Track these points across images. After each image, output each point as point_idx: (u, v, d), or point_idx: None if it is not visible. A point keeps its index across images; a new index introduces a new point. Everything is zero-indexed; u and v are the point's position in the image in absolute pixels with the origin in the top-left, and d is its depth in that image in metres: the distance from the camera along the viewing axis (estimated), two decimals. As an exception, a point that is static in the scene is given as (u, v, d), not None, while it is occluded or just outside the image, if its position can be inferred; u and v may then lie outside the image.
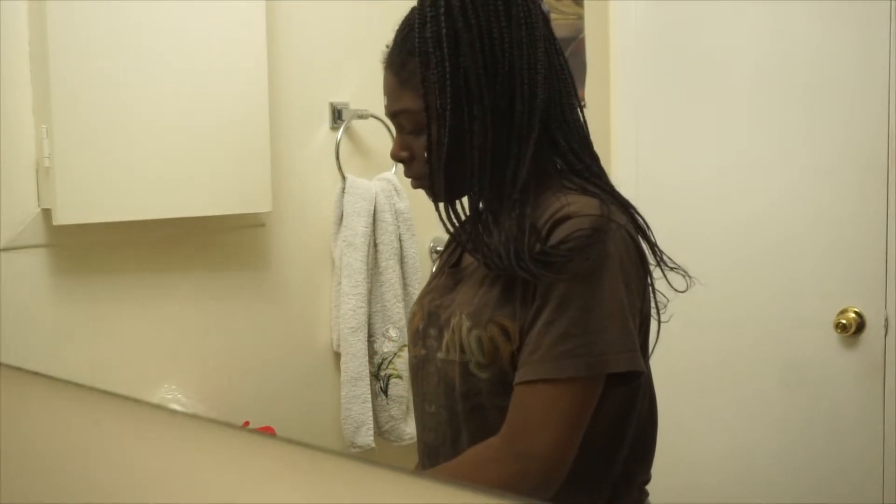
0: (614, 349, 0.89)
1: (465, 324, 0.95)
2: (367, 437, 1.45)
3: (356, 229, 1.45)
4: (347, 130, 1.49)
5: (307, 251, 1.52)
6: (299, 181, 1.48)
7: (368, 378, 1.45)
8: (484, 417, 0.95)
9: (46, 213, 1.29)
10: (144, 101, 1.32)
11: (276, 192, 1.41)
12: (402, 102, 0.99)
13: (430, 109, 0.94)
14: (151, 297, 1.37)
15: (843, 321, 1.27)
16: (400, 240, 1.49)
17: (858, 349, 1.27)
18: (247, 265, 1.47)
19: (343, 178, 1.48)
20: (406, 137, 1.00)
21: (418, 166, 0.99)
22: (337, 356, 1.48)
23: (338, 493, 0.91)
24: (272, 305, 1.49)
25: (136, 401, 1.17)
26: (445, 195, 0.96)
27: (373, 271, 1.47)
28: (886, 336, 1.23)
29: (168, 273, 1.39)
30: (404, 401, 1.48)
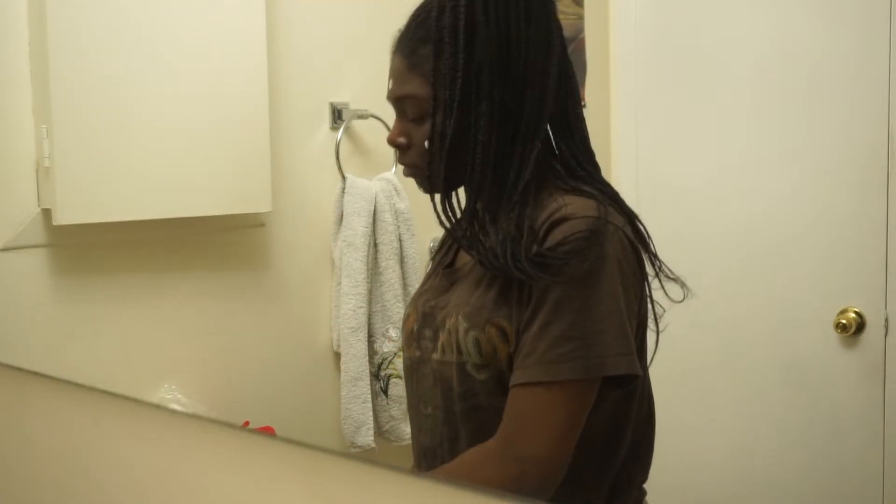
0: (611, 352, 0.89)
1: (462, 325, 0.95)
2: (368, 437, 1.45)
3: (356, 229, 1.46)
4: (347, 130, 1.49)
5: (307, 251, 1.52)
6: (299, 181, 1.48)
7: (368, 378, 1.45)
8: (482, 418, 0.95)
9: (46, 213, 1.29)
10: (144, 101, 1.32)
11: (276, 192, 1.41)
12: (409, 87, 0.97)
13: (438, 99, 0.93)
14: (151, 297, 1.37)
15: (843, 321, 1.27)
16: (400, 240, 1.49)
17: (858, 349, 1.27)
18: (247, 265, 1.47)
19: (343, 178, 1.48)
20: (407, 124, 0.99)
21: (414, 154, 0.99)
22: (337, 356, 1.48)
23: (338, 493, 0.91)
24: (272, 305, 1.49)
25: (136, 401, 1.17)
26: (441, 187, 0.95)
27: (373, 271, 1.47)
28: (886, 336, 1.23)
29: (168, 273, 1.39)
30: (404, 401, 1.48)
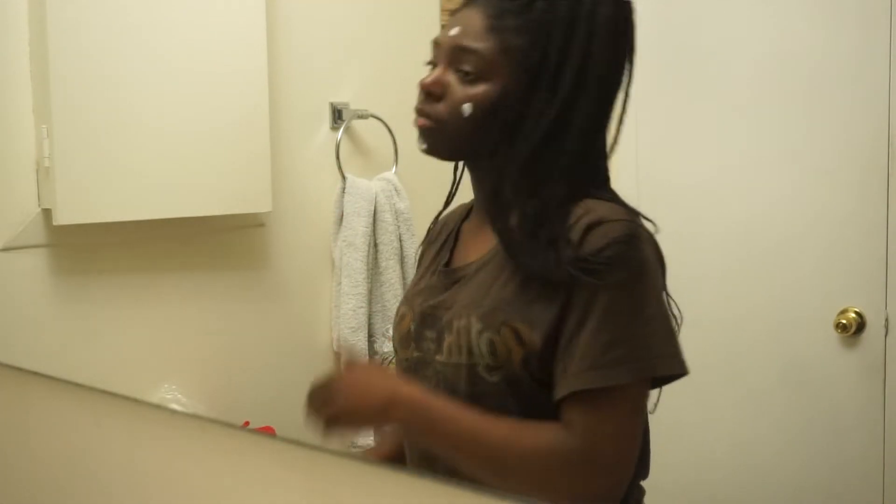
0: (664, 353, 0.89)
1: (476, 326, 0.93)
2: (368, 437, 1.45)
3: (356, 229, 1.45)
4: (347, 130, 1.49)
5: (307, 251, 1.51)
6: (299, 181, 1.48)
7: (368, 378, 1.45)
8: None
9: (46, 213, 1.29)
10: (144, 101, 1.32)
11: (276, 192, 1.41)
12: (478, 44, 0.93)
13: (511, 77, 0.91)
14: (151, 297, 1.37)
15: (843, 321, 1.27)
16: (400, 240, 1.49)
17: (858, 349, 1.27)
18: (247, 265, 1.47)
19: (343, 178, 1.48)
20: (449, 75, 0.95)
21: (443, 109, 0.94)
22: (337, 356, 1.48)
23: (338, 493, 0.91)
24: (272, 305, 1.49)
25: (136, 401, 1.17)
26: (448, 152, 0.94)
27: (373, 271, 1.47)
28: (886, 336, 1.23)
29: (168, 273, 1.39)
30: (404, 401, 1.48)
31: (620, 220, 0.89)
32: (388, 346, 1.48)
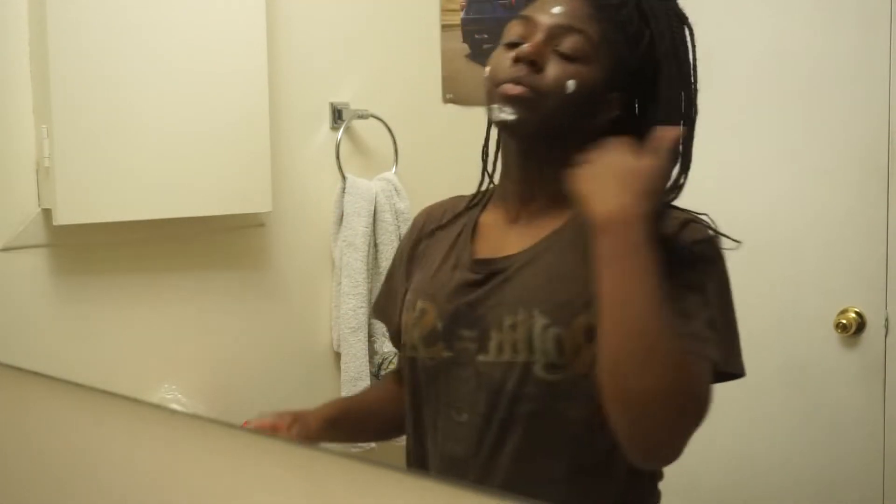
0: (739, 352, 0.93)
1: (541, 321, 0.89)
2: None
3: (356, 229, 1.46)
4: (347, 130, 1.49)
5: (307, 251, 1.51)
6: (299, 181, 1.48)
7: (369, 378, 1.45)
8: (537, 424, 0.90)
9: (46, 213, 1.29)
10: (144, 101, 1.32)
11: (276, 192, 1.41)
12: (585, 26, 0.93)
13: (608, 66, 0.93)
14: (152, 297, 1.37)
15: (843, 321, 1.27)
16: (400, 240, 1.49)
17: (858, 349, 1.27)
18: (247, 265, 1.47)
19: (343, 178, 1.48)
20: (548, 52, 0.92)
21: (543, 79, 0.92)
22: (337, 356, 1.48)
23: (338, 493, 0.91)
24: (272, 305, 1.49)
25: (136, 401, 1.17)
26: (537, 125, 0.92)
27: (373, 271, 1.47)
28: (886, 336, 1.23)
29: (168, 273, 1.39)
30: (404, 401, 1.48)
31: (701, 221, 0.94)
32: (389, 346, 1.48)
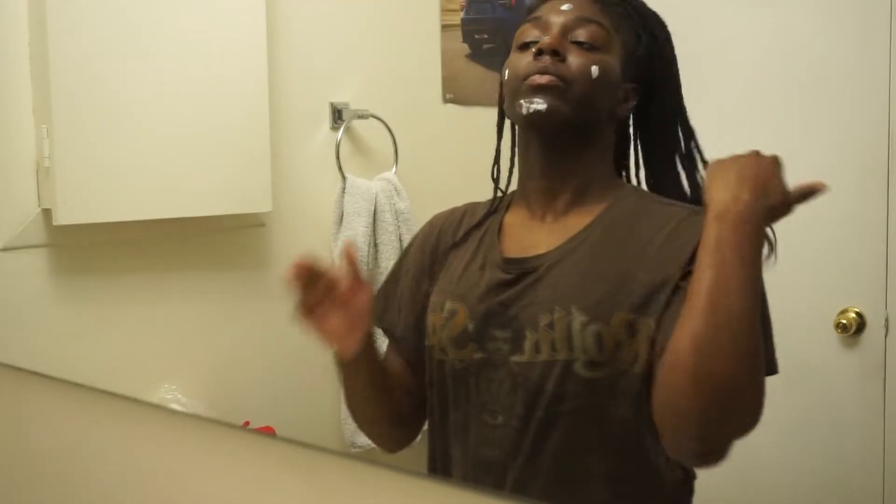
0: (774, 353, 0.97)
1: (579, 318, 0.89)
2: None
3: (356, 229, 1.45)
4: (347, 130, 1.49)
5: (307, 251, 1.51)
6: (299, 181, 1.48)
7: (368, 378, 1.45)
8: (578, 422, 0.90)
9: (46, 213, 1.29)
10: (144, 101, 1.32)
11: (276, 192, 1.41)
12: (598, 16, 0.98)
13: (622, 54, 0.98)
14: (151, 297, 1.37)
15: (843, 321, 1.27)
16: (400, 240, 1.49)
17: (858, 349, 1.27)
18: (247, 265, 1.47)
19: (343, 178, 1.48)
20: (567, 43, 0.96)
21: (569, 67, 0.95)
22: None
23: (338, 493, 0.92)
24: (272, 305, 1.48)
25: (136, 401, 1.18)
26: (570, 112, 0.94)
27: (373, 271, 1.47)
28: (886, 336, 1.23)
29: (168, 273, 1.39)
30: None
31: None
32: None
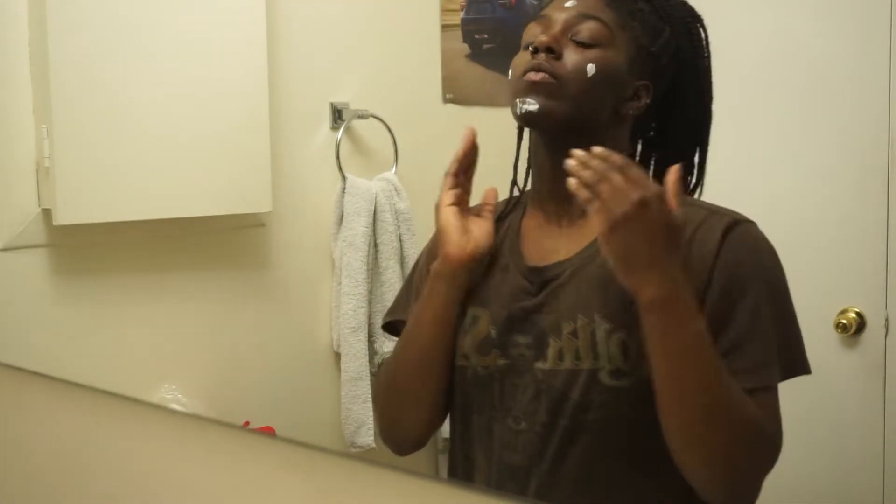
0: (804, 354, 0.93)
1: (603, 326, 0.88)
2: (368, 437, 1.45)
3: (356, 229, 1.45)
4: (347, 130, 1.49)
5: (307, 251, 1.51)
6: (299, 181, 1.48)
7: (369, 378, 1.45)
8: (605, 430, 0.89)
9: (46, 213, 1.29)
10: (144, 101, 1.32)
11: (276, 192, 1.41)
12: (601, 13, 0.95)
13: (628, 51, 0.95)
14: (151, 297, 1.37)
15: (843, 321, 1.27)
16: (400, 240, 1.49)
17: (858, 349, 1.27)
18: (247, 265, 1.47)
19: (343, 178, 1.48)
20: (565, 40, 0.94)
21: (564, 65, 0.93)
22: (337, 356, 1.48)
23: (338, 493, 0.92)
24: (272, 305, 1.49)
25: (136, 401, 1.18)
26: (563, 112, 0.92)
27: (373, 271, 1.47)
28: (886, 336, 1.23)
29: (168, 273, 1.39)
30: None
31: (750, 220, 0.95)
32: (389, 346, 1.48)
